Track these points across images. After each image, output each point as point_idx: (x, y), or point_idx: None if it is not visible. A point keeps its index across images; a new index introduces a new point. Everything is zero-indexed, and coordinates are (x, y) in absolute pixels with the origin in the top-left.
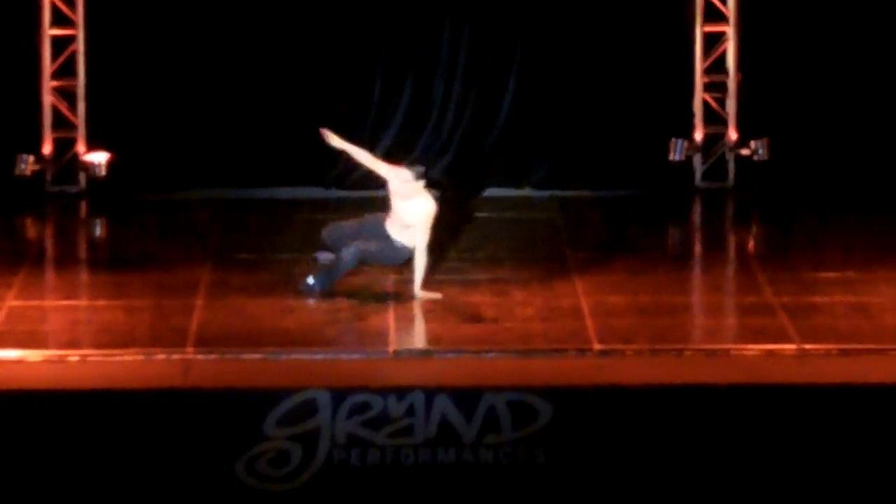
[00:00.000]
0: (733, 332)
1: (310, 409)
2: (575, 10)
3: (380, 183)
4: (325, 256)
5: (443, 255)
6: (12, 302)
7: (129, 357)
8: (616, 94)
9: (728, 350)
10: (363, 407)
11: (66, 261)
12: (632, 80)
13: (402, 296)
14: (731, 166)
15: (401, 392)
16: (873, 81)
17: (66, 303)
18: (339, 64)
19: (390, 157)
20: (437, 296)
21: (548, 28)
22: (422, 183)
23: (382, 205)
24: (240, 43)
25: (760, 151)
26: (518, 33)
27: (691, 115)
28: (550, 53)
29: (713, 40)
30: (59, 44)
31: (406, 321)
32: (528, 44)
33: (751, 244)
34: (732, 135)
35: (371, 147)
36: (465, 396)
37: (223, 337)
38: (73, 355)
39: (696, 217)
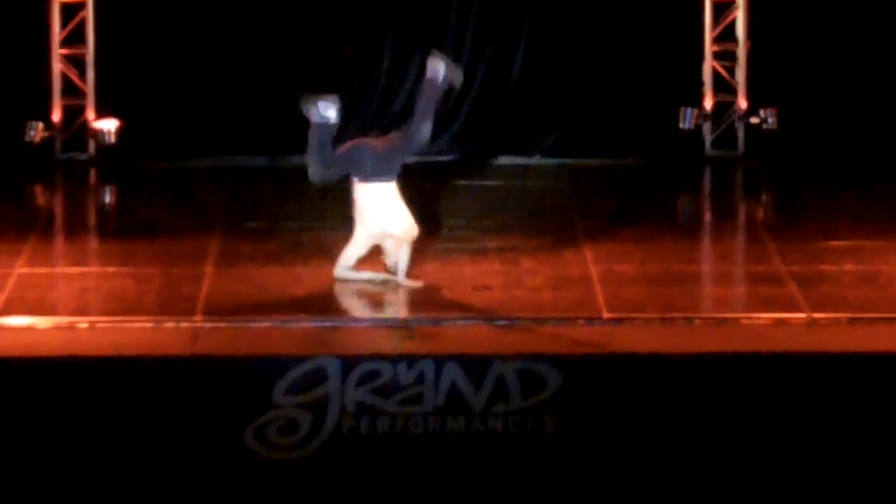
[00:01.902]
0: (743, 301)
1: (319, 376)
2: None
3: None
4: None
5: (452, 224)
6: (21, 269)
7: (138, 324)
8: (625, 62)
9: (737, 319)
10: (373, 375)
11: (75, 228)
12: (641, 48)
13: (410, 264)
14: (741, 135)
15: (410, 360)
16: (883, 50)
17: (75, 270)
18: (349, 32)
19: (398, 124)
20: (419, 284)
21: None
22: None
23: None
24: (250, 9)
25: (770, 120)
26: (527, 2)
27: (700, 83)
28: (559, 22)
29: (722, 8)
30: (69, 11)
31: (416, 289)
32: (536, 13)
33: (760, 213)
34: (742, 103)
35: (380, 116)
36: (475, 365)
37: (232, 305)
38: (82, 322)
39: (706, 186)
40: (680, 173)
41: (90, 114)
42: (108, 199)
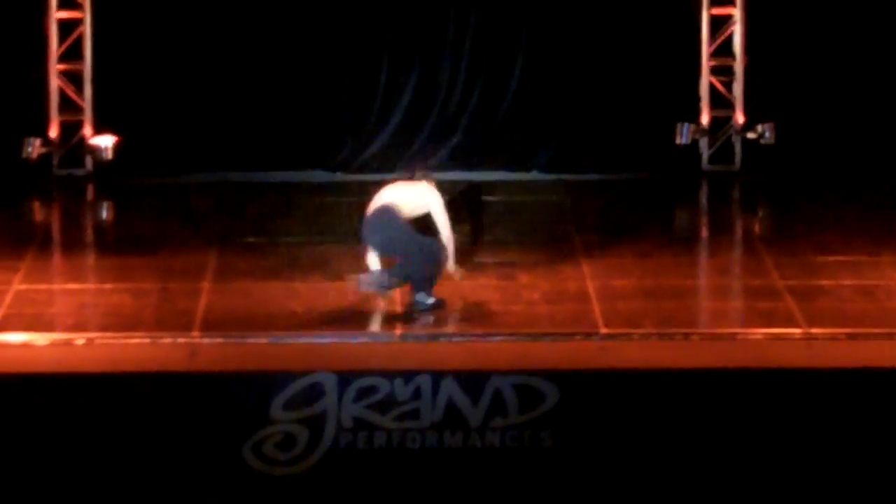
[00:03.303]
0: (739, 316)
1: (316, 392)
2: None
3: (386, 167)
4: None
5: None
6: (19, 285)
7: (135, 340)
8: (623, 77)
9: (734, 334)
10: (369, 390)
11: (72, 244)
12: (638, 63)
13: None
14: (738, 150)
15: (407, 375)
16: (879, 65)
17: (72, 286)
18: (346, 47)
19: (396, 139)
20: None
21: (554, 11)
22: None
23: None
24: (247, 25)
25: (767, 135)
26: (524, 16)
27: (698, 98)
28: (556, 36)
29: (720, 23)
30: (66, 27)
31: (413, 304)
32: (534, 27)
33: (757, 227)
34: (739, 118)
35: (377, 131)
36: (472, 380)
37: (229, 320)
38: (80, 339)
39: (703, 200)
40: (677, 188)
41: (87, 130)
42: (105, 214)
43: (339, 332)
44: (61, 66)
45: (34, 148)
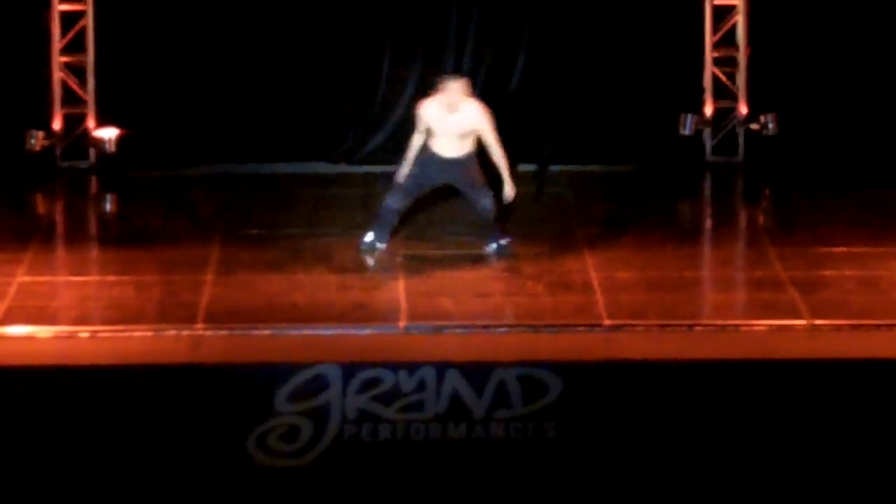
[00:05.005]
0: (743, 307)
1: (320, 384)
2: None
3: (386, 158)
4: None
5: (453, 231)
6: (22, 278)
7: (138, 333)
8: (626, 68)
9: (738, 325)
10: (374, 382)
11: (75, 237)
12: (641, 54)
13: (411, 271)
14: (741, 140)
15: (411, 367)
16: (884, 56)
17: (75, 279)
18: (349, 39)
19: (399, 131)
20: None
21: (557, 2)
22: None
23: (389, 181)
24: (249, 17)
25: (770, 126)
26: (527, 8)
27: (701, 89)
28: (560, 28)
29: (723, 14)
30: (69, 19)
31: (417, 296)
32: (537, 18)
33: (761, 219)
34: (742, 109)
35: (380, 122)
36: (476, 371)
37: (233, 312)
38: (83, 331)
39: (706, 192)
40: (680, 179)
41: (90, 122)
42: (108, 207)
43: (343, 323)
44: (64, 59)
45: (37, 140)
